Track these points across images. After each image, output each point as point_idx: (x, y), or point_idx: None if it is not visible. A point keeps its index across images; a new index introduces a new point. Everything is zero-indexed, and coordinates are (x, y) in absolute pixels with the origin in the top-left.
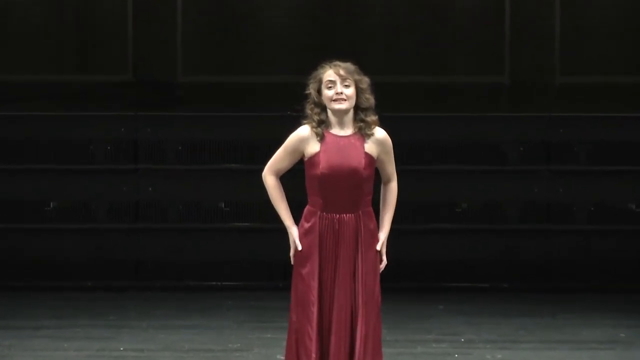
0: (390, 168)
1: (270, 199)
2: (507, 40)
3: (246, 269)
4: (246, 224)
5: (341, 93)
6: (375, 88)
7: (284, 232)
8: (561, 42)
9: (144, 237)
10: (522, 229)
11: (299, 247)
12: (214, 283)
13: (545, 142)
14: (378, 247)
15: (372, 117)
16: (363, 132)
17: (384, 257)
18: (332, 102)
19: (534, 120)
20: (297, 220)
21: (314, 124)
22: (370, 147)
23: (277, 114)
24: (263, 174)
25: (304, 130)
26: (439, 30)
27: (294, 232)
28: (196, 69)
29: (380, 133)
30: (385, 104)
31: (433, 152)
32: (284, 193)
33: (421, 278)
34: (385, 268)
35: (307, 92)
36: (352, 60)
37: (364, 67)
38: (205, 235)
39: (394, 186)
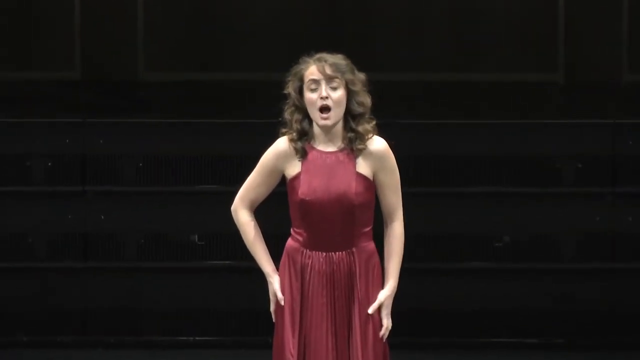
0: (392, 197)
1: (244, 240)
2: (561, 27)
3: (226, 320)
4: (226, 262)
5: (327, 97)
6: (391, 88)
7: None
8: (630, 29)
9: (94, 279)
10: (581, 268)
11: (282, 302)
12: (185, 338)
13: (609, 157)
14: (371, 310)
15: (366, 126)
16: (354, 146)
17: (385, 320)
18: (317, 112)
19: (595, 129)
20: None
21: (293, 135)
22: (363, 164)
23: (268, 121)
24: (233, 207)
25: (281, 144)
26: (472, 16)
27: (275, 282)
28: (163, 64)
29: (376, 144)
30: (402, 107)
31: (464, 170)
32: (260, 232)
33: (450, 332)
34: (391, 329)
35: (286, 91)
36: (362, 53)
37: (376, 61)
38: (173, 277)
39: (397, 229)
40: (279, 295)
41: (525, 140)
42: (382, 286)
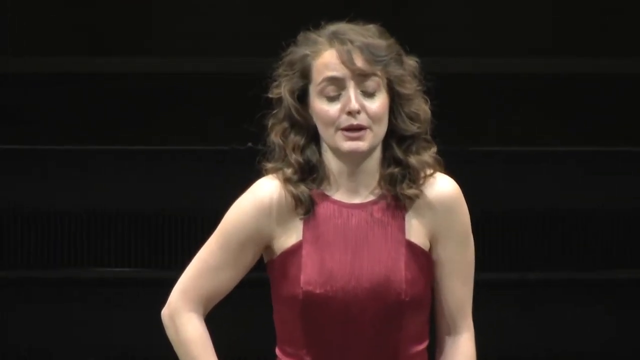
0: (462, 289)
1: None
2: None
3: None
4: None
5: (358, 111)
6: (460, 88)
7: None
8: None
9: None
10: None
11: None
12: None
13: None
14: None
15: (423, 155)
16: (400, 191)
17: None
18: (340, 132)
19: None
20: None
21: (289, 173)
22: (417, 225)
23: (218, 148)
24: (169, 307)
25: (265, 191)
26: None
27: None
28: (41, 45)
29: (440, 187)
30: (480, 123)
31: (595, 244)
32: (213, 350)
33: None
34: None
35: (274, 94)
36: (406, 26)
37: (434, 39)
38: None
39: (466, 347)
40: None
41: None
42: None
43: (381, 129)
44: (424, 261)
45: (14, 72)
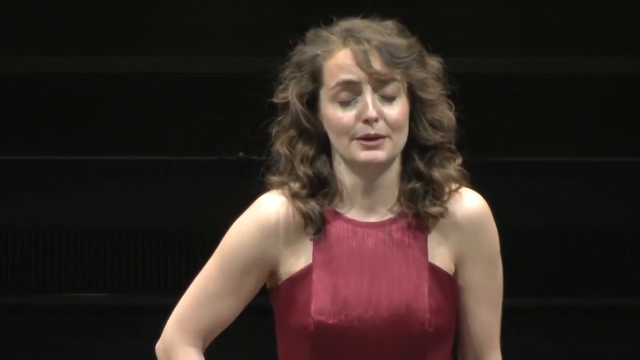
0: (490, 315)
1: None
2: None
3: None
4: None
5: (376, 119)
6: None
7: None
8: None
9: None
10: None
11: None
12: None
13: None
14: None
15: (447, 168)
16: (421, 209)
17: None
18: (355, 142)
19: None
20: None
21: (296, 188)
22: (441, 247)
23: (209, 159)
24: (165, 341)
25: (269, 209)
26: None
27: None
28: (43, 46)
29: (468, 203)
30: (502, 130)
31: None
32: None
33: None
34: None
35: (280, 99)
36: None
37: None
38: None
39: None
40: None
41: None
42: None
43: (401, 138)
44: (449, 287)
45: (14, 72)
